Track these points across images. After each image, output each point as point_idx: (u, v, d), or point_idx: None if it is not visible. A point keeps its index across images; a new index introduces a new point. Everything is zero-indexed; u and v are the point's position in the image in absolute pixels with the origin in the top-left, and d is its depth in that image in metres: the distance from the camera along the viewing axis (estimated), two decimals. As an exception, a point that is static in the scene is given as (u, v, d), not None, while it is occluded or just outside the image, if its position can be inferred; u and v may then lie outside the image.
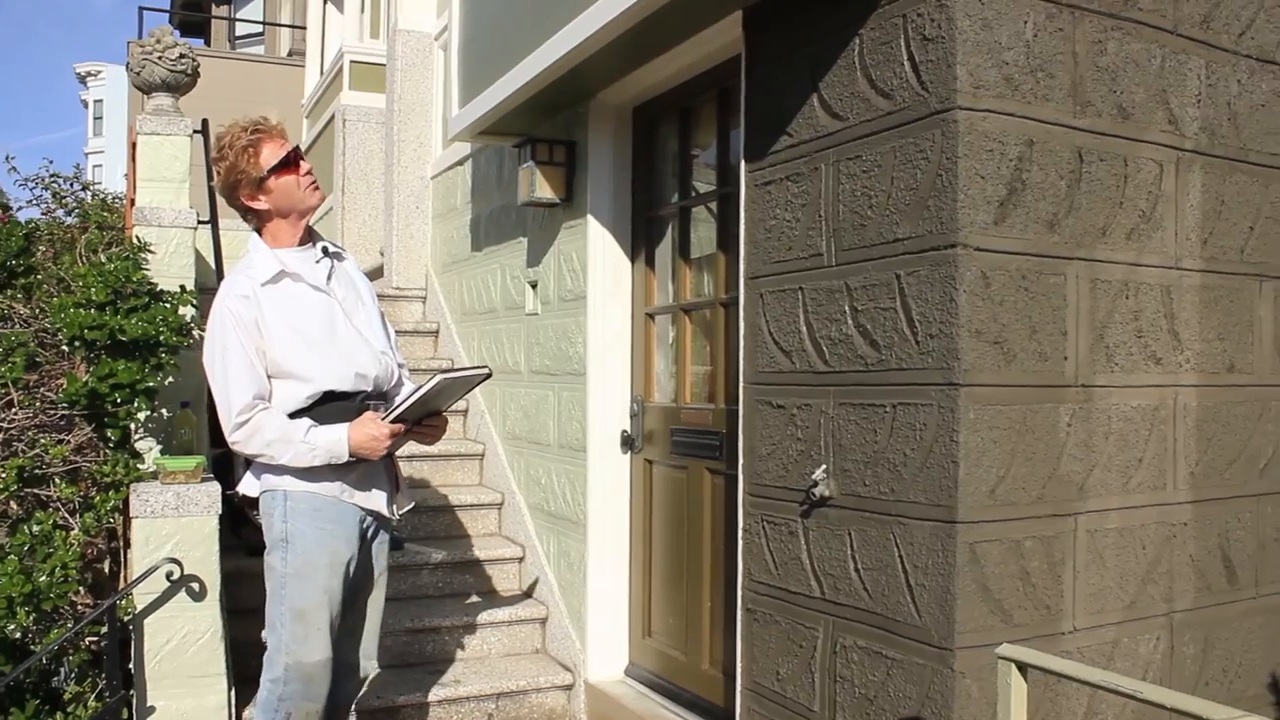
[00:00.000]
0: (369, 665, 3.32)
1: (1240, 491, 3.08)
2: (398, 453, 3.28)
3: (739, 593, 3.28)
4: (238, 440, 3.00)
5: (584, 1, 3.47)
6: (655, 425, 4.32)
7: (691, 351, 4.17)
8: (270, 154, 3.04)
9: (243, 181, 3.06)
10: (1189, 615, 2.95)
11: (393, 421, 3.02)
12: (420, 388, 2.97)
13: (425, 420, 3.19)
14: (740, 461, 3.27)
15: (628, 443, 4.47)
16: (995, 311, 2.53)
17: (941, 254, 2.52)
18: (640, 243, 4.48)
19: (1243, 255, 3.06)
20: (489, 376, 3.17)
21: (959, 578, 2.49)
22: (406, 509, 3.31)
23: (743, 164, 3.27)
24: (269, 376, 3.02)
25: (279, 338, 3.01)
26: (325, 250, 3.21)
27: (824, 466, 2.88)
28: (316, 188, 3.13)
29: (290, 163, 3.07)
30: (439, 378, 2.95)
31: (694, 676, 4.03)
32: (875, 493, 2.72)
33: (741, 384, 3.26)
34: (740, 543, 3.27)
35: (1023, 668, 2.19)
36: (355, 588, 3.20)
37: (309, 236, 3.20)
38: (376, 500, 3.17)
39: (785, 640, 3.05)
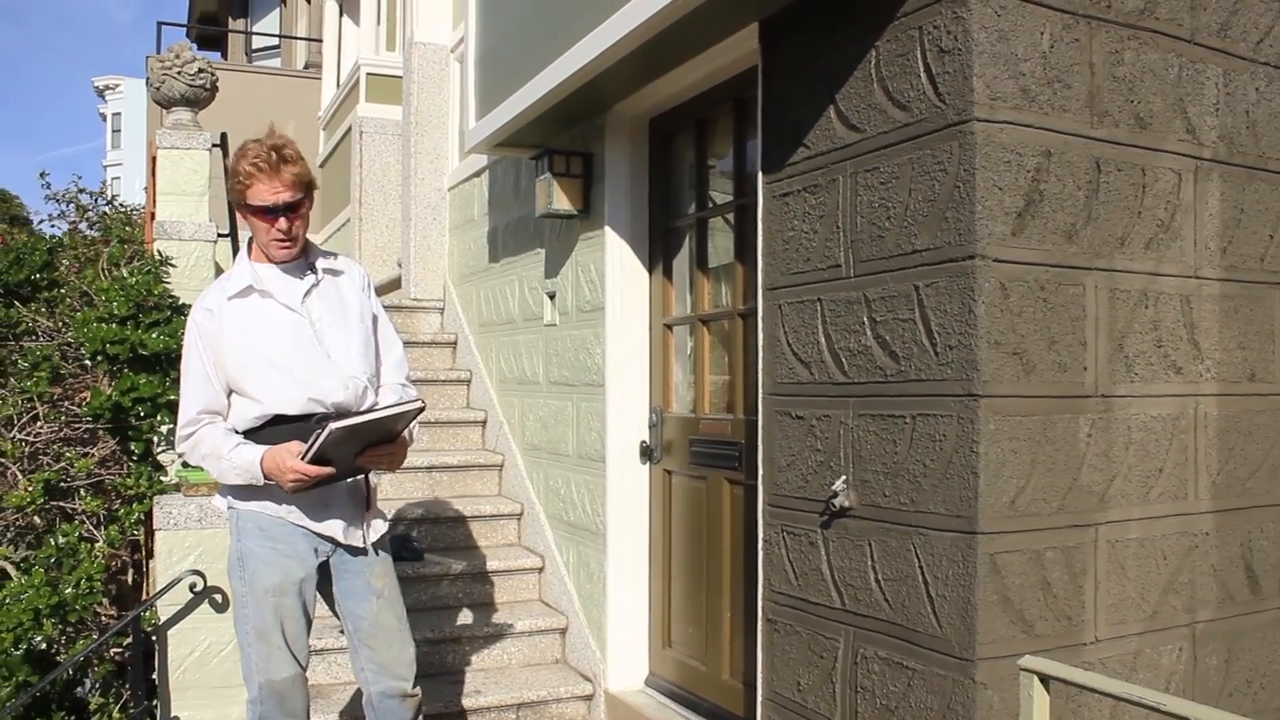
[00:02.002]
0: (400, 685, 3.16)
1: (1262, 501, 3.06)
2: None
3: (759, 603, 3.28)
4: (183, 453, 3.05)
5: (601, 15, 3.49)
6: (674, 436, 4.33)
7: (710, 362, 4.17)
8: (255, 195, 2.95)
9: (233, 200, 3.06)
10: (1211, 626, 2.94)
11: (311, 461, 2.84)
12: (318, 435, 2.79)
13: (373, 449, 2.99)
14: (760, 472, 3.28)
15: (646, 453, 4.48)
16: (1014, 322, 2.53)
17: (960, 265, 2.52)
18: (658, 254, 4.49)
19: (1263, 264, 3.05)
20: (422, 409, 2.99)
21: (980, 588, 2.49)
22: (376, 537, 3.16)
23: (760, 175, 3.28)
24: (230, 392, 3.02)
25: (232, 354, 2.99)
26: (314, 266, 3.12)
27: (844, 477, 2.88)
28: (286, 245, 3.02)
29: (267, 213, 2.97)
30: (331, 427, 2.77)
31: (714, 687, 4.04)
32: (895, 503, 2.72)
33: (760, 395, 3.27)
34: (760, 553, 3.27)
35: (1045, 679, 2.19)
36: (343, 613, 3.15)
37: (303, 250, 3.12)
38: (332, 526, 3.06)
39: (806, 650, 3.05)
